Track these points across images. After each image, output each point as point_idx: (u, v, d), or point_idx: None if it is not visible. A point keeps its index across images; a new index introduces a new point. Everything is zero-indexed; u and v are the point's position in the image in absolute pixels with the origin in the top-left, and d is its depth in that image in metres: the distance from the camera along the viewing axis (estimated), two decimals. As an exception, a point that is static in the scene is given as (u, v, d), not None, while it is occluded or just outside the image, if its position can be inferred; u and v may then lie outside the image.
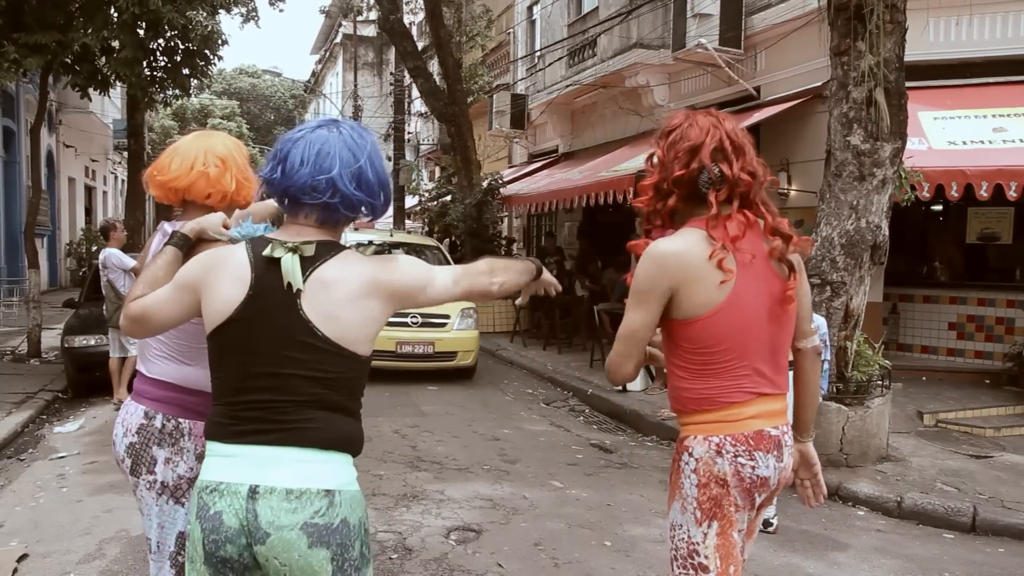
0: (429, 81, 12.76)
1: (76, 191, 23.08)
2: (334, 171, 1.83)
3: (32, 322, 9.90)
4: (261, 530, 1.76)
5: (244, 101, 48.44)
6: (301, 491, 1.78)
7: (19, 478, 5.59)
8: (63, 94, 17.57)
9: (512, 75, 17.82)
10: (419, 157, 26.06)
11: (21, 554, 4.17)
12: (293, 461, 1.80)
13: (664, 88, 11.94)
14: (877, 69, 5.95)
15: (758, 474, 2.10)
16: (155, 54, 10.63)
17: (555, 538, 4.66)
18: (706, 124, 2.14)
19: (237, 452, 1.82)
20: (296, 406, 1.82)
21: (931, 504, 5.37)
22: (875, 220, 6.20)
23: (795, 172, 9.59)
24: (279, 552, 1.76)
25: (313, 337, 1.81)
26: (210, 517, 1.79)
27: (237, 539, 1.77)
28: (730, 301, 2.04)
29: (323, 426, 1.83)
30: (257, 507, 1.76)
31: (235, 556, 1.79)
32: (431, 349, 9.28)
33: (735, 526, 2.12)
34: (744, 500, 2.12)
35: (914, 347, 9.86)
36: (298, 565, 1.77)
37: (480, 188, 12.50)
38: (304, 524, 1.76)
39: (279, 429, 1.81)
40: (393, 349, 9.02)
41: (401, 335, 9.11)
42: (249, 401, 1.83)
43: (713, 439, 2.10)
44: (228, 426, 1.84)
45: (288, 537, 1.76)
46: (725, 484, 2.09)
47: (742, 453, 2.09)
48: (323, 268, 1.83)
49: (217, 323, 1.84)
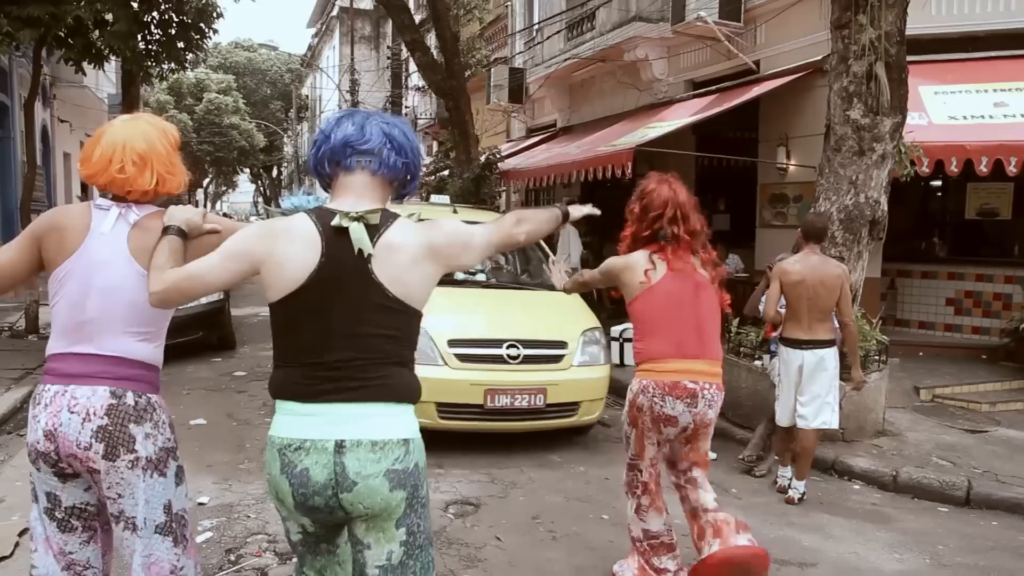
0: (426, 54, 12.65)
1: (71, 166, 22.94)
2: (381, 125, 2.11)
3: (29, 298, 9.88)
4: (349, 480, 1.96)
5: (240, 75, 48.02)
6: (384, 442, 1.99)
7: (19, 453, 5.60)
8: (57, 68, 17.38)
9: (510, 49, 17.68)
10: (417, 131, 25.92)
11: (22, 529, 4.20)
12: (375, 415, 2.00)
13: (663, 62, 11.86)
14: (878, 42, 5.91)
15: (664, 412, 3.35)
16: (149, 27, 10.53)
17: (553, 512, 4.70)
18: (667, 196, 3.43)
19: (319, 411, 1.99)
20: (375, 364, 2.00)
21: (926, 478, 5.41)
22: (874, 195, 6.19)
23: (794, 147, 9.55)
24: (364, 498, 1.97)
25: (386, 299, 1.99)
26: (297, 474, 1.98)
27: (324, 491, 1.97)
28: (653, 290, 3.38)
29: (397, 381, 2.04)
30: (345, 460, 1.96)
31: (322, 505, 1.99)
32: (541, 400, 5.65)
33: (646, 436, 3.47)
34: (653, 427, 3.41)
35: (912, 322, 9.89)
36: (380, 507, 1.99)
37: (478, 163, 12.43)
38: (387, 471, 1.98)
39: (361, 387, 1.98)
40: (480, 402, 5.53)
41: (492, 379, 5.56)
42: (331, 361, 1.98)
43: (643, 381, 3.42)
44: (307, 386, 1.99)
45: (373, 484, 1.97)
46: (642, 411, 3.41)
47: (656, 395, 3.35)
48: (387, 235, 2.01)
49: (291, 289, 1.97)
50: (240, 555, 3.99)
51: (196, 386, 7.77)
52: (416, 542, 2.07)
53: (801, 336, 5.03)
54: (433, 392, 4.97)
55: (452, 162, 14.23)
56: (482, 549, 4.16)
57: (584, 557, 4.15)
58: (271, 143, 51.16)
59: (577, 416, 5.89)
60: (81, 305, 2.19)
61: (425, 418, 4.72)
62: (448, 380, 5.48)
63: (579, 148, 11.44)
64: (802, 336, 5.02)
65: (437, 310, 5.29)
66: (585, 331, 6.06)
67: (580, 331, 6.02)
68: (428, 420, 5.10)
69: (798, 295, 4.97)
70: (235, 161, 45.28)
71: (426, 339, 5.42)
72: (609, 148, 9.76)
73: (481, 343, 5.73)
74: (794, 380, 5.09)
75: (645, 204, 3.48)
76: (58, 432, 2.17)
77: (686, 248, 3.44)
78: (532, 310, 6.46)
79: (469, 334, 5.80)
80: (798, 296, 4.97)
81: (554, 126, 15.75)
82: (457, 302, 6.11)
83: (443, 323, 5.55)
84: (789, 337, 5.09)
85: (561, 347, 5.87)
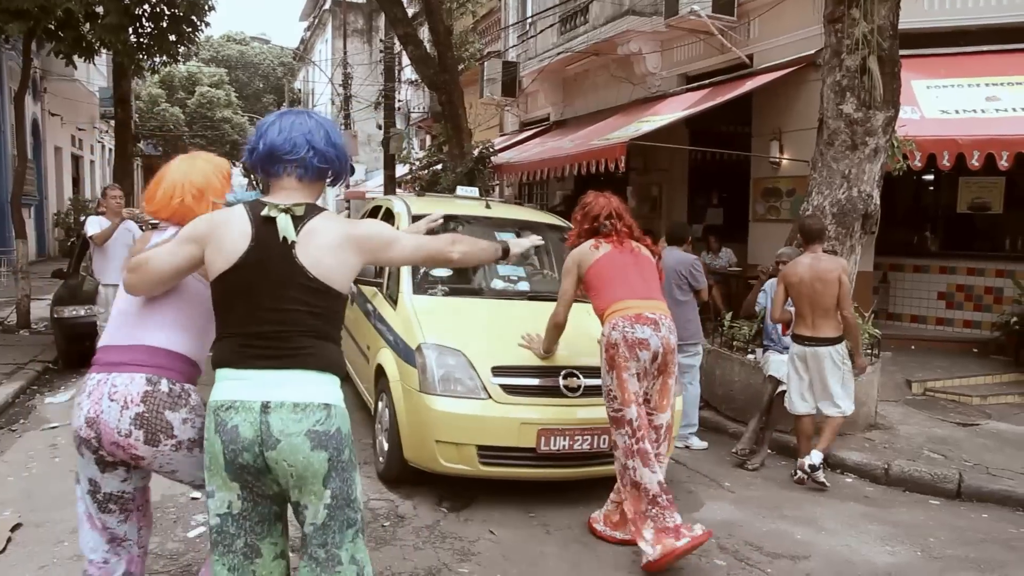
0: (419, 48, 12.59)
1: (63, 160, 22.82)
2: (307, 132, 2.33)
3: (21, 292, 9.83)
4: (273, 437, 2.16)
5: (232, 69, 47.84)
6: (305, 404, 2.19)
7: (11, 448, 5.59)
8: (47, 61, 17.29)
9: (503, 42, 17.63)
10: (410, 125, 25.86)
11: (15, 523, 4.19)
12: (297, 381, 2.22)
13: (656, 56, 11.84)
14: (871, 36, 5.92)
15: (636, 336, 3.97)
16: (140, 20, 10.43)
17: (547, 506, 4.70)
18: (603, 203, 4.36)
19: (248, 376, 2.22)
20: (298, 335, 2.23)
21: (918, 471, 5.43)
22: (867, 189, 6.20)
23: (787, 141, 9.56)
24: (287, 455, 2.16)
25: (307, 279, 2.23)
26: (228, 431, 2.18)
27: (252, 447, 2.17)
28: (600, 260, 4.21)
29: (318, 352, 2.26)
30: (270, 419, 2.16)
31: (251, 462, 2.18)
32: (605, 441, 4.45)
33: (625, 370, 3.96)
34: (630, 354, 3.96)
35: (904, 316, 9.92)
36: (302, 465, 2.17)
37: (471, 156, 12.38)
38: (308, 431, 2.17)
39: (284, 355, 2.22)
40: (532, 445, 4.46)
41: (547, 416, 4.49)
42: (257, 332, 2.23)
43: (612, 320, 4.04)
44: (239, 354, 2.23)
45: (295, 442, 2.16)
46: (617, 345, 3.97)
47: (626, 325, 3.99)
48: (310, 224, 2.26)
49: (223, 269, 2.23)
50: (233, 550, 3.98)
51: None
52: (337, 504, 2.25)
53: (806, 333, 5.34)
54: (474, 433, 4.41)
55: (445, 156, 14.19)
56: (476, 543, 4.17)
57: (578, 551, 4.16)
58: (263, 137, 51.01)
59: None
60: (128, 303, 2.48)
61: (464, 464, 4.43)
62: (493, 418, 4.42)
63: (572, 142, 11.43)
64: (807, 333, 5.34)
65: (475, 328, 4.93)
66: None
67: None
68: (467, 467, 4.46)
69: (799, 294, 5.31)
70: (227, 155, 45.07)
71: (463, 364, 4.53)
72: (602, 142, 9.75)
73: (533, 371, 4.57)
74: (801, 373, 5.40)
75: (587, 211, 4.38)
76: (99, 419, 2.37)
77: (625, 235, 4.30)
78: (589, 328, 4.84)
79: (518, 359, 4.59)
80: (799, 295, 5.31)
81: (547, 120, 15.72)
82: (497, 317, 5.10)
83: (485, 346, 4.57)
84: (797, 334, 5.42)
85: None
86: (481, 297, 5.42)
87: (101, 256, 7.19)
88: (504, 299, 5.48)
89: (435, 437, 4.44)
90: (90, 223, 7.26)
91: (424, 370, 4.52)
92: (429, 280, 5.43)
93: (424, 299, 5.17)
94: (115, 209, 7.27)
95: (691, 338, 5.95)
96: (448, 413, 4.42)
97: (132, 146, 18.07)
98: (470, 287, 5.62)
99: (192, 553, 3.93)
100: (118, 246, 7.08)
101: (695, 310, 6.11)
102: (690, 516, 4.67)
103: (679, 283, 5.96)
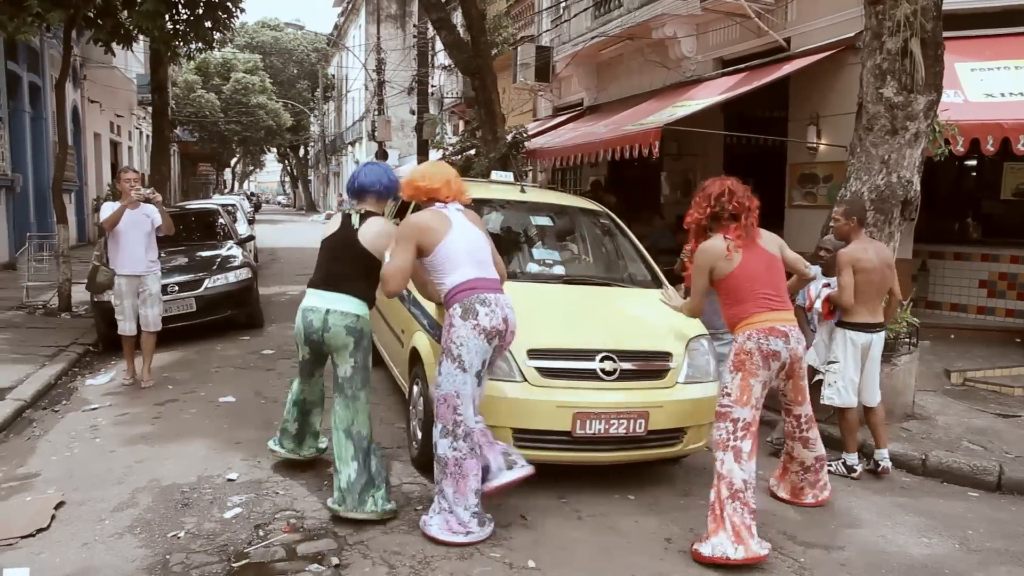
0: (453, 33, 12.57)
1: (102, 146, 23.19)
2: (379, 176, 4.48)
3: (62, 276, 10.04)
4: (329, 326, 4.24)
5: (267, 55, 48.19)
6: (345, 312, 4.25)
7: (54, 429, 5.72)
8: (87, 49, 17.56)
9: (537, 27, 17.51)
10: (443, 111, 25.85)
11: (58, 501, 4.29)
12: (345, 300, 4.27)
13: (692, 39, 11.68)
14: (913, 18, 5.78)
15: (770, 348, 4.13)
16: (177, 7, 10.56)
17: (579, 492, 4.71)
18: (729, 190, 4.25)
19: (320, 294, 4.32)
20: (353, 276, 4.31)
21: (956, 462, 5.34)
22: (907, 175, 6.08)
23: (825, 126, 9.39)
24: (334, 337, 4.27)
25: (362, 249, 4.29)
26: (308, 321, 4.30)
27: (318, 331, 4.28)
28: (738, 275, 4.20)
29: (357, 288, 4.31)
30: (328, 317, 4.24)
31: (316, 339, 4.31)
32: (641, 427, 4.54)
33: (752, 376, 4.12)
34: (763, 363, 4.13)
35: (943, 304, 9.73)
36: (341, 343, 4.25)
37: (504, 142, 12.36)
38: (345, 327, 4.24)
39: (341, 286, 4.29)
40: (567, 428, 4.46)
41: (583, 400, 4.50)
42: (332, 272, 4.36)
43: (746, 331, 4.16)
44: (320, 282, 4.35)
45: (338, 331, 4.24)
46: (751, 353, 4.12)
47: (761, 337, 4.13)
48: (367, 222, 4.35)
49: (324, 238, 4.46)
50: (269, 531, 4.05)
51: (225, 364, 7.86)
52: (357, 367, 4.28)
53: (868, 320, 5.21)
54: (509, 415, 4.43)
55: (479, 141, 14.18)
56: (507, 527, 4.18)
57: (609, 537, 4.16)
58: (298, 123, 51.36)
59: (682, 445, 4.78)
60: (485, 251, 4.21)
61: None
62: (529, 401, 4.44)
63: (606, 127, 11.34)
64: (869, 320, 5.21)
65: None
66: (692, 339, 4.89)
67: (686, 339, 4.87)
68: None
69: (870, 281, 5.15)
70: (262, 141, 45.55)
71: None
72: (636, 127, 9.66)
73: (569, 354, 4.59)
74: (859, 362, 5.27)
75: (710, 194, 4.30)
76: (508, 319, 4.07)
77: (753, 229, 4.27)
78: (625, 312, 5.27)
79: (554, 343, 4.62)
80: (870, 282, 5.16)
81: (581, 105, 15.62)
82: (533, 301, 4.93)
83: (520, 328, 4.34)
84: (857, 321, 5.22)
85: (665, 359, 4.74)
86: (516, 281, 5.40)
87: (114, 244, 6.86)
88: (540, 283, 5.49)
89: None
90: (104, 209, 6.99)
91: None
92: None
93: None
94: (128, 192, 6.85)
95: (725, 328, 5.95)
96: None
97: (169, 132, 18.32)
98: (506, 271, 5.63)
99: (228, 534, 3.99)
100: (135, 233, 6.83)
101: None
102: (723, 504, 4.66)
103: None
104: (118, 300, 6.94)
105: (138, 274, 6.91)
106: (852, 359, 5.24)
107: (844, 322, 5.26)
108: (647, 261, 5.91)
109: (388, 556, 3.81)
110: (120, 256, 6.87)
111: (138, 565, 3.65)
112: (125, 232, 6.81)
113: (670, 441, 4.73)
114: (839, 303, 5.23)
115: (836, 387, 5.28)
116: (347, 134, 48.01)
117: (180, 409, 6.23)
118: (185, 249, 9.71)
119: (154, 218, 6.98)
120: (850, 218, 5.28)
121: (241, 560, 3.73)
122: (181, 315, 8.56)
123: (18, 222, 15.09)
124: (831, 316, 5.37)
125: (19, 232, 14.19)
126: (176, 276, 8.70)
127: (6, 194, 15.00)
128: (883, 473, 5.27)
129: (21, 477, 4.75)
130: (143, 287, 6.96)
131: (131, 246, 6.84)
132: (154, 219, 6.98)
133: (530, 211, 6.23)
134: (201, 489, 4.55)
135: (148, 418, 5.95)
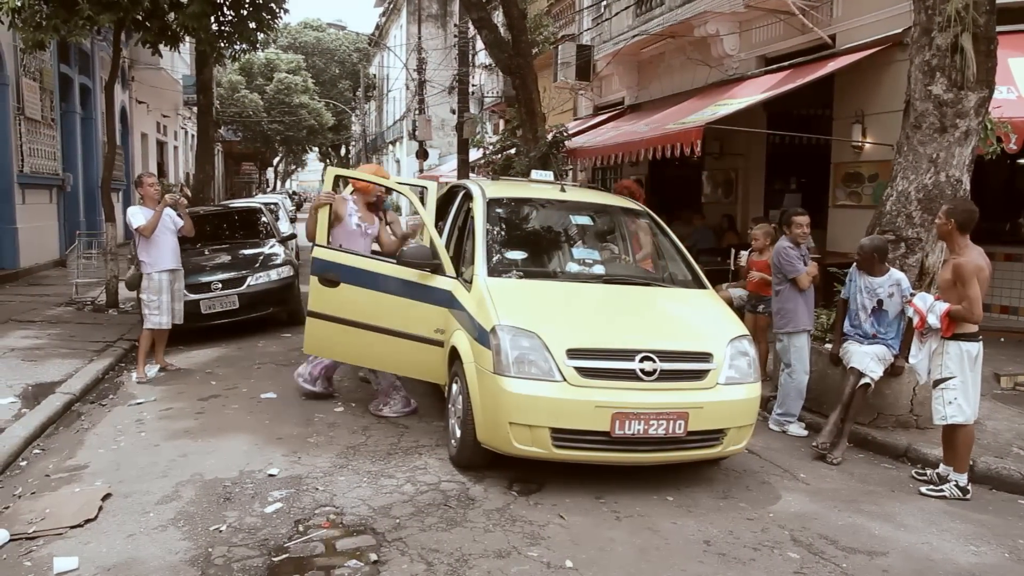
0: (493, 32, 12.57)
1: (148, 146, 23.69)
2: None
3: (110, 273, 10.27)
4: None
5: (309, 55, 48.69)
6: None
7: (101, 422, 5.86)
8: (135, 51, 17.93)
9: (577, 25, 17.47)
10: (483, 110, 25.90)
11: (105, 493, 4.39)
12: None
13: (735, 37, 11.56)
14: (965, 12, 5.64)
15: None
16: (222, 8, 10.74)
17: (617, 492, 4.68)
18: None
19: None
20: None
21: (1006, 469, 5.20)
22: (955, 174, 5.94)
23: (870, 124, 9.22)
24: None
25: None
26: None
27: None
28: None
29: None
30: None
31: None
32: (681, 427, 4.51)
33: None
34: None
35: (993, 307, 9.47)
36: None
37: (545, 141, 12.33)
38: None
39: None
40: (606, 429, 4.43)
41: (622, 400, 4.47)
42: None
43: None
44: None
45: None
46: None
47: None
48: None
49: None
50: (308, 526, 4.09)
51: (266, 360, 7.97)
52: None
53: (975, 328, 4.92)
54: (549, 415, 4.41)
55: (519, 140, 14.18)
56: (545, 527, 4.17)
57: (647, 538, 4.13)
58: (339, 122, 51.83)
59: (722, 446, 4.72)
60: None
61: (537, 447, 4.45)
62: (568, 401, 4.41)
63: (647, 126, 11.26)
64: (975, 328, 4.92)
65: (550, 310, 4.96)
66: (732, 339, 4.86)
67: (727, 339, 4.84)
68: (541, 450, 4.47)
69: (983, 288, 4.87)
70: (304, 140, 46.03)
71: (539, 347, 4.52)
72: (678, 126, 9.58)
73: (609, 354, 4.57)
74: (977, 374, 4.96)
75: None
76: None
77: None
78: (665, 312, 5.31)
79: (594, 342, 4.62)
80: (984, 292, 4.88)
81: (622, 104, 15.54)
82: (573, 300, 5.13)
83: (560, 328, 4.58)
84: (970, 332, 4.91)
85: (706, 360, 4.69)
86: (556, 280, 5.40)
87: (150, 245, 7.14)
88: (579, 282, 5.47)
89: (509, 419, 4.46)
90: (132, 215, 7.16)
91: (498, 352, 4.55)
92: (504, 263, 5.45)
93: (499, 281, 5.14)
94: (154, 197, 7.23)
95: (783, 327, 6.09)
96: (522, 395, 4.43)
97: (213, 132, 18.61)
98: (545, 270, 5.64)
99: (268, 528, 4.04)
100: (166, 231, 7.25)
101: (791, 299, 6.04)
102: (765, 508, 4.59)
103: (774, 272, 6.16)
104: (155, 295, 7.22)
105: (176, 268, 7.38)
106: (970, 372, 4.92)
107: (957, 334, 4.90)
108: (688, 261, 5.87)
109: (426, 553, 3.82)
110: (159, 254, 7.22)
111: (181, 557, 3.72)
112: (160, 232, 7.22)
113: (710, 442, 4.68)
114: (969, 319, 4.82)
115: (957, 403, 4.88)
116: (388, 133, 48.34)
117: (222, 405, 6.33)
118: (228, 247, 9.88)
119: (175, 218, 7.41)
120: (949, 219, 4.93)
121: (281, 554, 3.77)
122: (224, 312, 8.71)
123: (68, 220, 15.50)
124: (950, 331, 4.91)
125: (69, 230, 14.57)
126: (219, 273, 8.86)
127: (57, 193, 15.40)
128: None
129: (70, 468, 4.87)
130: (177, 282, 7.44)
131: (167, 243, 7.27)
132: (175, 220, 7.41)
133: (570, 210, 6.23)
134: (243, 484, 4.62)
135: (191, 413, 6.06)
